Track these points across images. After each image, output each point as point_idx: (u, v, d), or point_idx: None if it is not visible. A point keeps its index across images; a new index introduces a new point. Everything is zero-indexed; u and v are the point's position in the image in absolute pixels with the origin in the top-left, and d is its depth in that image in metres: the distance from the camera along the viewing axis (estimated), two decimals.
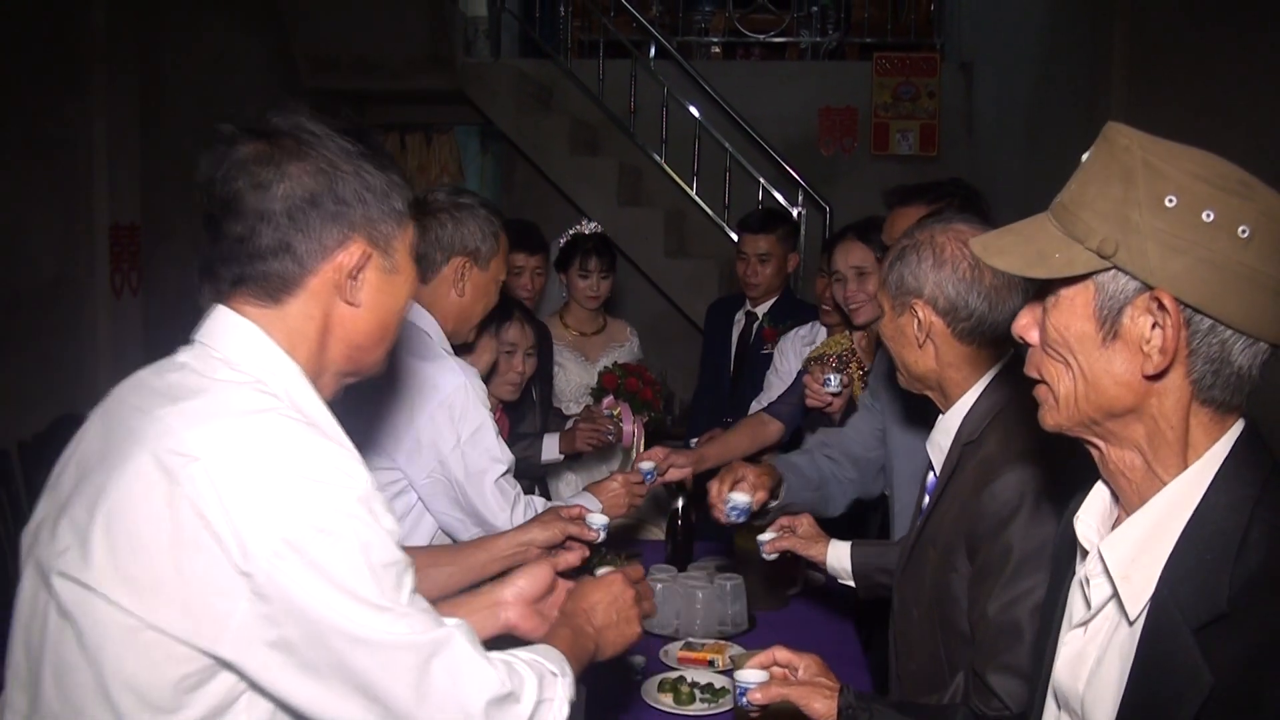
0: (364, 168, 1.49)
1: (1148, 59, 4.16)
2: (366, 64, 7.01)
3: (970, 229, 2.07)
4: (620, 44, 7.72)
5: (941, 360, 2.13)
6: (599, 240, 4.63)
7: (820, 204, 7.13)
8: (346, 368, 1.57)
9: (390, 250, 1.53)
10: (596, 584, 1.92)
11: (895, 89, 7.67)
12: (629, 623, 1.89)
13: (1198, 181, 1.22)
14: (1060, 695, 1.45)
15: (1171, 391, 1.27)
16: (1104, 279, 1.27)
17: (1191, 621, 1.21)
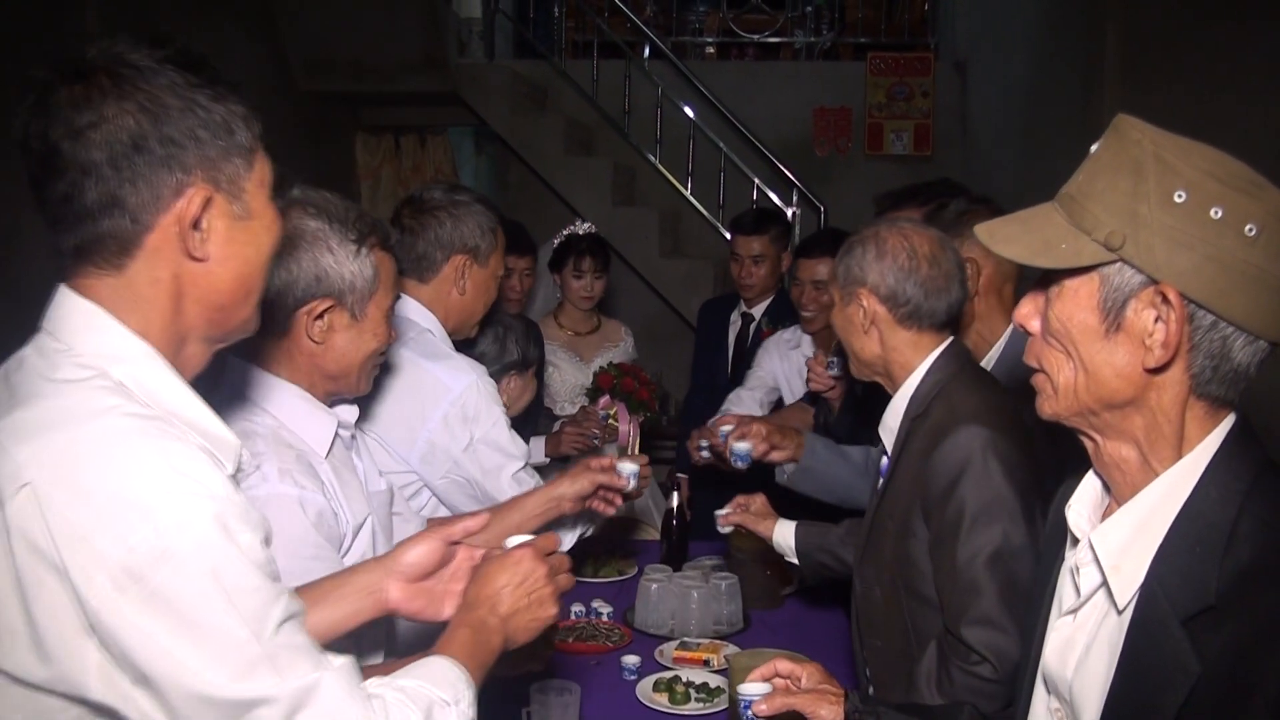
0: (197, 101, 1.28)
1: (1141, 59, 4.17)
2: (361, 66, 7.00)
3: (913, 228, 2.32)
4: (614, 44, 7.72)
5: (886, 345, 2.31)
6: (593, 240, 4.64)
7: (815, 204, 7.13)
8: (212, 332, 1.38)
9: (239, 192, 1.33)
10: (501, 563, 1.68)
11: (889, 89, 7.67)
12: (542, 604, 1.68)
13: (1208, 178, 1.23)
14: (1050, 680, 1.47)
15: (1170, 385, 1.28)
16: (1109, 271, 1.28)
17: (1180, 612, 1.23)
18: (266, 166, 1.39)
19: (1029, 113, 5.81)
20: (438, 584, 1.78)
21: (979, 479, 2.11)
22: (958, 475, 2.13)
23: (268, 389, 1.96)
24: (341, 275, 1.94)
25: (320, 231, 1.93)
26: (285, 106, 6.84)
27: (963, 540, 2.11)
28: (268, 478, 1.84)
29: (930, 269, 2.25)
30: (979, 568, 2.09)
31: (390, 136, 8.05)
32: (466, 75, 7.35)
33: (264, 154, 1.38)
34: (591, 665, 2.96)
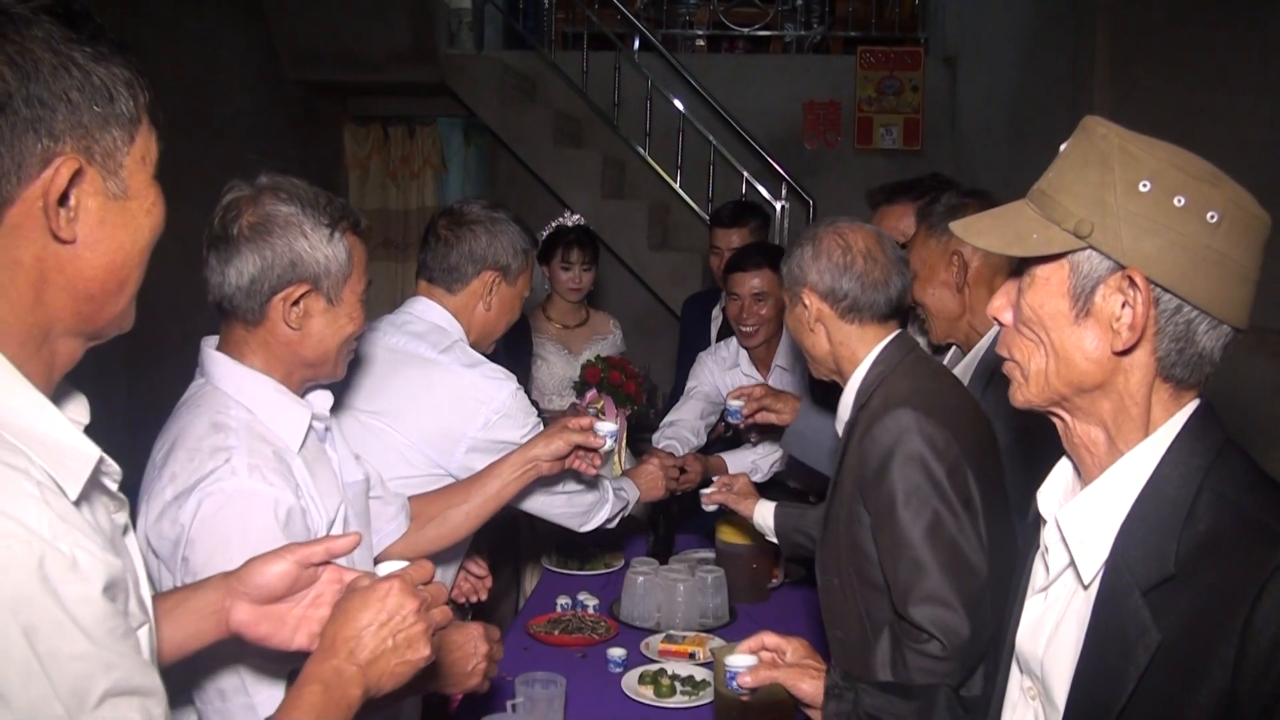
0: (74, 59, 1.10)
1: (1130, 55, 4.17)
2: (350, 56, 6.98)
3: (850, 225, 2.42)
4: (604, 36, 7.70)
5: (833, 340, 2.41)
6: (581, 232, 4.64)
7: (804, 197, 7.13)
8: (81, 326, 1.19)
9: (115, 167, 1.16)
10: (364, 598, 1.44)
11: (879, 83, 7.67)
12: (410, 645, 1.44)
13: (1171, 168, 1.29)
14: (1022, 660, 1.51)
15: (1137, 369, 1.34)
16: (1079, 258, 1.34)
17: (1141, 584, 1.29)
18: (151, 142, 1.22)
19: (1018, 108, 5.82)
20: (293, 608, 1.57)
21: (907, 460, 2.19)
22: (887, 458, 2.21)
23: (242, 382, 1.94)
24: (316, 259, 1.92)
25: (293, 216, 1.91)
26: (273, 96, 6.82)
27: (898, 521, 2.19)
28: (236, 472, 1.81)
29: (866, 264, 2.35)
30: (918, 547, 2.16)
31: (379, 127, 8.03)
32: (455, 66, 7.33)
33: (150, 128, 1.21)
34: (577, 658, 2.97)
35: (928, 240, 2.72)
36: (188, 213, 1.49)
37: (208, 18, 5.91)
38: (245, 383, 1.94)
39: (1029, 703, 1.50)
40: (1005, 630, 1.58)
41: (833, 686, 1.86)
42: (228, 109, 6.05)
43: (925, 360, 2.46)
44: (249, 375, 1.95)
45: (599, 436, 2.63)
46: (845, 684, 1.86)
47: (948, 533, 2.15)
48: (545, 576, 3.72)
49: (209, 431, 1.86)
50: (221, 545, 1.75)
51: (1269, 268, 1.35)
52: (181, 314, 1.94)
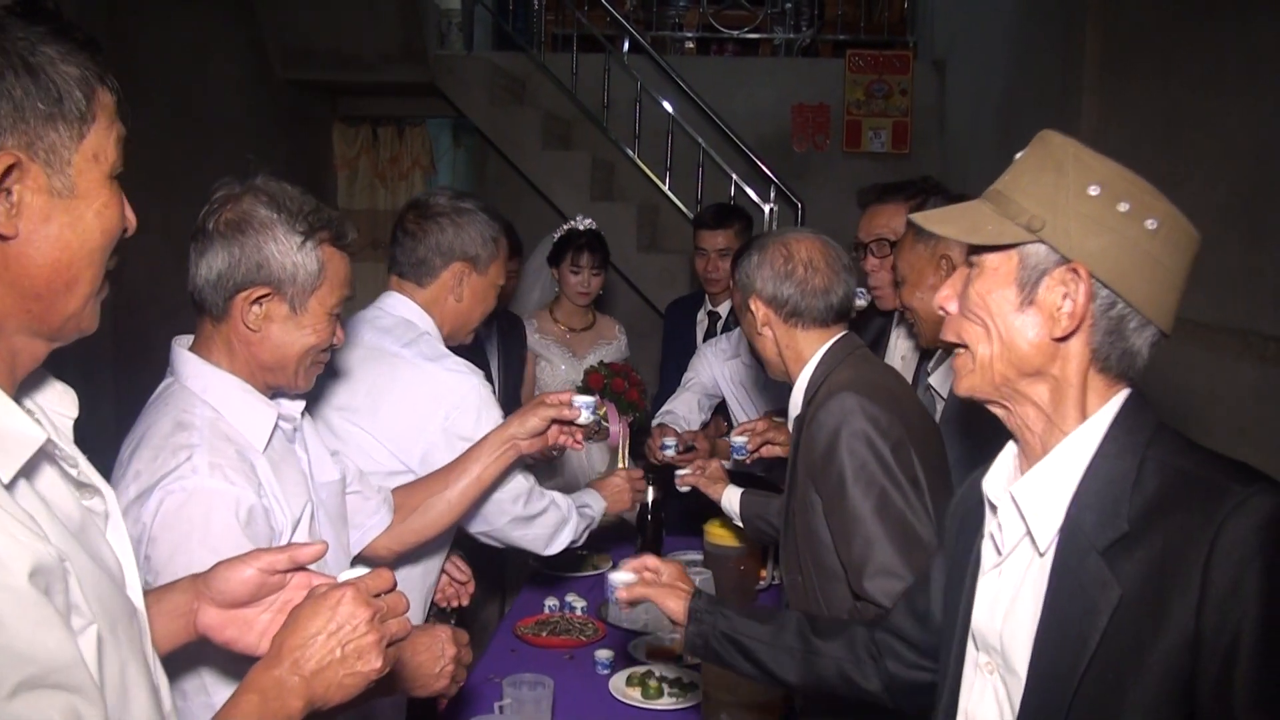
0: (19, 55, 1.12)
1: (1119, 59, 4.19)
2: (340, 56, 6.97)
3: (796, 235, 2.56)
4: (594, 38, 7.70)
5: (779, 343, 2.55)
6: (592, 236, 4.65)
7: (792, 200, 7.14)
8: (34, 325, 1.20)
9: (61, 165, 1.16)
10: (315, 607, 1.38)
11: (868, 86, 7.69)
12: (360, 656, 1.37)
13: (1118, 177, 1.42)
14: (979, 637, 1.59)
15: (1074, 356, 1.46)
16: (1028, 250, 1.46)
17: (1098, 543, 1.40)
18: (109, 141, 1.21)
19: (1007, 112, 5.83)
20: (260, 612, 1.56)
21: (852, 438, 2.29)
22: (834, 438, 2.31)
23: (209, 381, 1.95)
24: (283, 265, 1.92)
25: (268, 220, 1.91)
26: (263, 95, 6.81)
27: (848, 499, 2.28)
28: (197, 470, 1.82)
29: (806, 272, 2.49)
30: (868, 523, 2.25)
31: (368, 127, 8.03)
32: (445, 67, 7.32)
33: (110, 127, 1.21)
34: (565, 659, 2.97)
35: (915, 245, 2.74)
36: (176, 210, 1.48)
37: (198, 17, 5.90)
38: (212, 382, 1.95)
39: (987, 677, 1.58)
40: (953, 616, 1.66)
41: (695, 610, 2.06)
42: (217, 108, 6.04)
43: (868, 357, 2.58)
44: (215, 374, 1.96)
45: (574, 408, 2.60)
46: (707, 608, 2.06)
47: (896, 508, 2.24)
48: (533, 578, 3.72)
49: (172, 430, 1.88)
50: (183, 542, 1.76)
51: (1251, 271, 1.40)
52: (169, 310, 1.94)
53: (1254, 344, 3.00)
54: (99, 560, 1.23)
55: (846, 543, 2.28)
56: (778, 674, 2.02)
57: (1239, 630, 1.27)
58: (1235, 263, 3.13)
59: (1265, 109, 3.09)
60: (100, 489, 1.32)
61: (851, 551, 2.27)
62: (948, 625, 1.69)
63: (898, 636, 1.90)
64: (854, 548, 2.26)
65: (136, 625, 1.29)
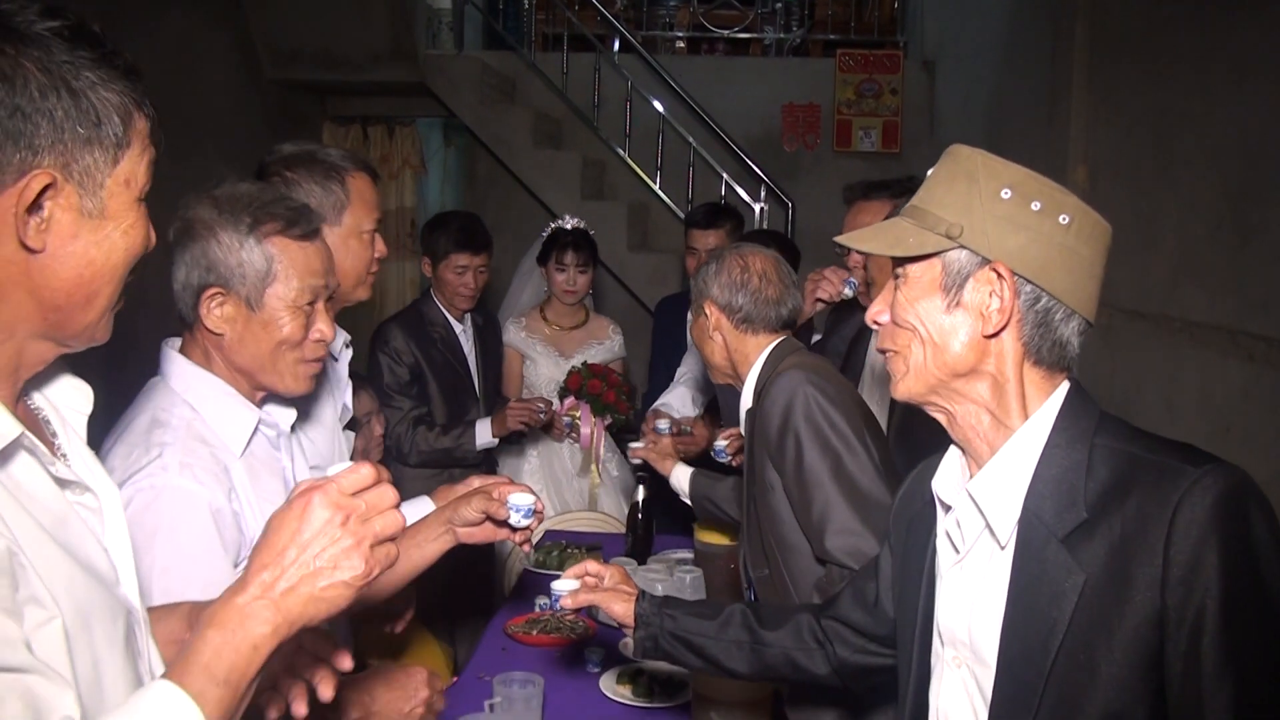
0: (65, 79, 1.16)
1: (1107, 60, 4.20)
2: (329, 56, 6.96)
3: (752, 250, 2.76)
4: (584, 37, 7.70)
5: (730, 347, 2.73)
6: (578, 235, 4.66)
7: (783, 200, 7.15)
8: (49, 331, 1.24)
9: (94, 187, 1.20)
10: (280, 519, 1.24)
11: (858, 86, 7.69)
12: (339, 565, 1.23)
13: (1027, 179, 1.49)
14: (945, 633, 1.63)
15: (1007, 351, 1.52)
16: (949, 257, 1.52)
17: (1059, 532, 1.46)
18: (141, 167, 1.25)
19: (996, 112, 5.85)
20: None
21: (802, 408, 2.46)
22: (786, 411, 2.48)
23: (191, 381, 1.95)
24: (228, 263, 1.91)
25: (210, 220, 1.91)
26: (252, 95, 6.79)
27: (805, 466, 2.44)
28: (166, 468, 1.81)
29: (760, 283, 2.69)
30: (826, 487, 2.41)
31: (358, 127, 8.01)
32: (435, 66, 7.32)
33: (143, 153, 1.25)
34: (555, 658, 2.97)
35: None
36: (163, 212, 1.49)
37: (186, 16, 5.88)
38: (194, 382, 1.95)
39: (955, 671, 1.62)
40: (911, 614, 1.71)
41: (642, 613, 2.11)
42: (206, 108, 6.02)
43: (804, 351, 2.77)
44: (198, 375, 1.96)
45: (505, 508, 2.21)
46: (653, 610, 2.11)
47: (850, 470, 2.40)
48: (524, 576, 3.72)
49: (149, 427, 1.88)
50: (148, 541, 1.74)
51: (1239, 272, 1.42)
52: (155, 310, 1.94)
53: (1242, 343, 3.01)
54: (76, 556, 1.22)
55: (806, 508, 2.43)
56: (728, 666, 2.09)
57: (1203, 604, 1.34)
58: (1224, 262, 3.14)
59: (1253, 110, 3.10)
60: (91, 487, 1.32)
61: (811, 515, 2.42)
62: (905, 622, 1.74)
63: (845, 624, 1.98)
64: (814, 511, 2.41)
65: (126, 624, 1.28)
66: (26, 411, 1.31)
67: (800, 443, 2.44)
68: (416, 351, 4.10)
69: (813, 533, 2.42)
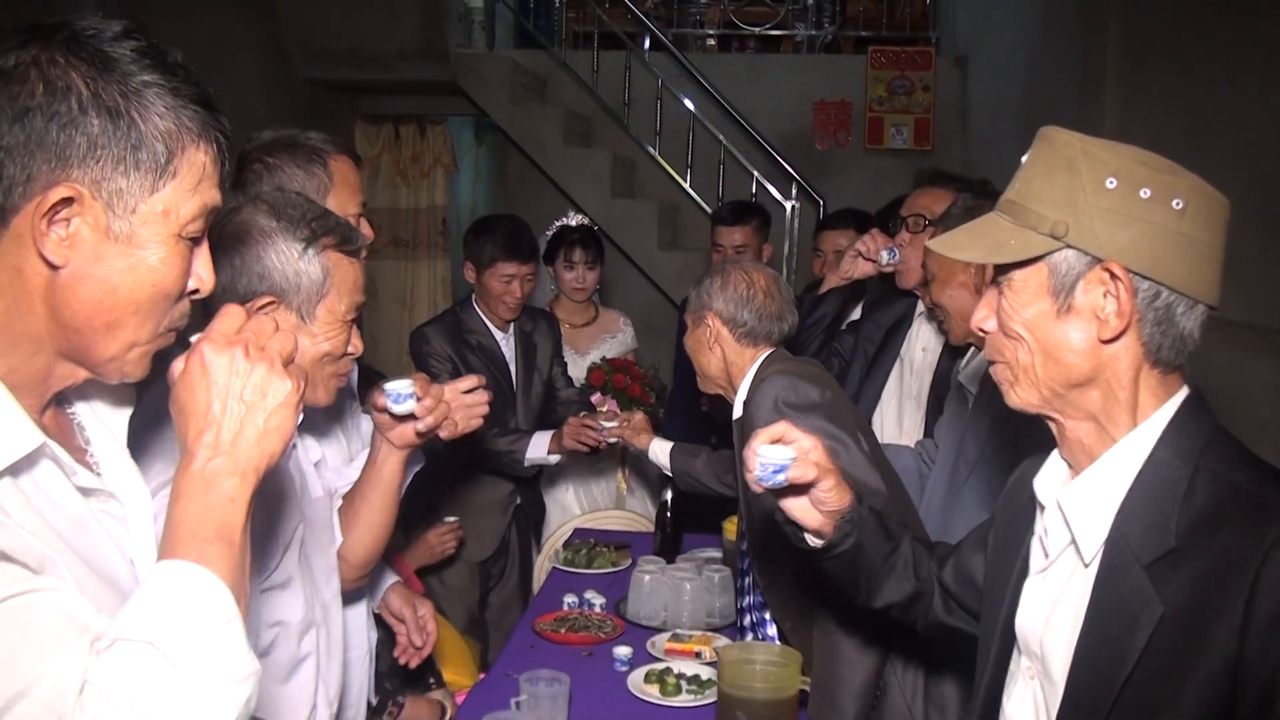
0: (110, 96, 1.15)
1: (1140, 54, 4.16)
2: (360, 54, 6.99)
3: (755, 267, 2.86)
4: (615, 35, 7.70)
5: (727, 359, 2.81)
6: (584, 232, 4.64)
7: (814, 197, 7.12)
8: (71, 354, 1.22)
9: (124, 210, 1.17)
10: (185, 384, 1.19)
11: (890, 83, 7.65)
12: (267, 393, 1.20)
13: (1134, 164, 1.38)
14: (1022, 641, 1.56)
15: (1125, 355, 1.41)
16: (1056, 259, 1.41)
17: (1143, 558, 1.36)
18: (187, 202, 1.21)
19: (1029, 107, 5.80)
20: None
21: (788, 406, 2.47)
22: (770, 415, 2.44)
23: None
24: (285, 274, 1.88)
25: (269, 229, 1.89)
26: (284, 94, 6.83)
27: None
28: None
29: (765, 299, 2.78)
30: None
31: (390, 125, 8.04)
32: (466, 65, 7.33)
33: (193, 189, 1.22)
34: (583, 656, 2.97)
35: None
36: None
37: (218, 15, 5.93)
38: None
39: (1028, 682, 1.55)
40: (995, 612, 1.63)
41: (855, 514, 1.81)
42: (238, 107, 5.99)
43: (794, 360, 2.82)
44: None
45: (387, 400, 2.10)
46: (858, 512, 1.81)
47: (843, 460, 2.35)
48: (553, 574, 3.72)
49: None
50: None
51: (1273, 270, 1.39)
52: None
53: (1276, 342, 2.98)
54: (92, 563, 1.22)
55: None
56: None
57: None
58: (1258, 260, 3.10)
59: None
60: (117, 495, 1.31)
61: None
62: (988, 618, 1.67)
63: (941, 584, 1.89)
64: None
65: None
66: (60, 417, 1.31)
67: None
68: (454, 356, 4.02)
69: None
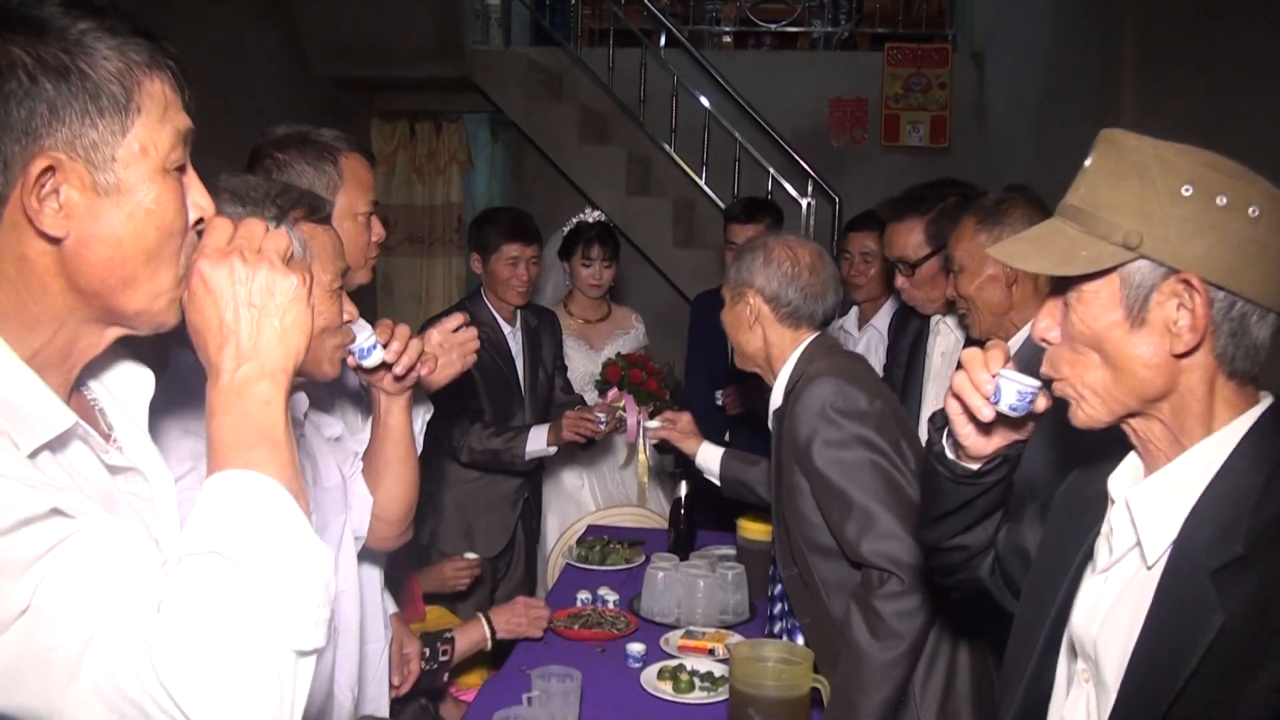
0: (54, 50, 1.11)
1: (1157, 51, 4.14)
2: (377, 51, 6.99)
3: (799, 241, 2.70)
4: (630, 32, 7.69)
5: (767, 339, 2.66)
6: (601, 228, 4.65)
7: (830, 195, 7.10)
8: (99, 316, 1.21)
9: (103, 161, 1.13)
10: (196, 305, 1.20)
11: (906, 80, 7.63)
12: (274, 293, 1.20)
13: (1209, 170, 1.33)
14: (1078, 642, 1.52)
15: (1198, 367, 1.36)
16: (1129, 269, 1.36)
17: (1209, 564, 1.30)
18: (159, 134, 1.18)
19: (1046, 105, 5.78)
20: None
21: (833, 419, 2.42)
22: (816, 421, 2.43)
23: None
24: None
25: (236, 215, 1.86)
26: (300, 91, 6.84)
27: (839, 474, 2.39)
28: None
29: (810, 277, 2.62)
30: (861, 493, 2.36)
31: (405, 122, 8.04)
32: (482, 62, 7.34)
33: (160, 120, 1.18)
34: (596, 652, 2.97)
35: (977, 234, 2.69)
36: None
37: (234, 13, 5.93)
38: None
39: (1081, 686, 1.51)
40: (1045, 604, 1.59)
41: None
42: (255, 105, 6.06)
43: (837, 348, 2.75)
44: None
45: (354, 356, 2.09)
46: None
47: (884, 473, 2.36)
48: (566, 571, 3.73)
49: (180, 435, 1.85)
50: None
51: None
52: None
53: None
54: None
55: (842, 514, 2.39)
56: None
57: None
58: None
59: None
60: (142, 471, 1.32)
61: (849, 523, 2.37)
62: (1033, 612, 1.61)
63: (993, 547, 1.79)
64: (851, 518, 2.37)
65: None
66: (82, 402, 1.32)
67: (829, 453, 2.40)
68: None
69: (849, 538, 2.38)
